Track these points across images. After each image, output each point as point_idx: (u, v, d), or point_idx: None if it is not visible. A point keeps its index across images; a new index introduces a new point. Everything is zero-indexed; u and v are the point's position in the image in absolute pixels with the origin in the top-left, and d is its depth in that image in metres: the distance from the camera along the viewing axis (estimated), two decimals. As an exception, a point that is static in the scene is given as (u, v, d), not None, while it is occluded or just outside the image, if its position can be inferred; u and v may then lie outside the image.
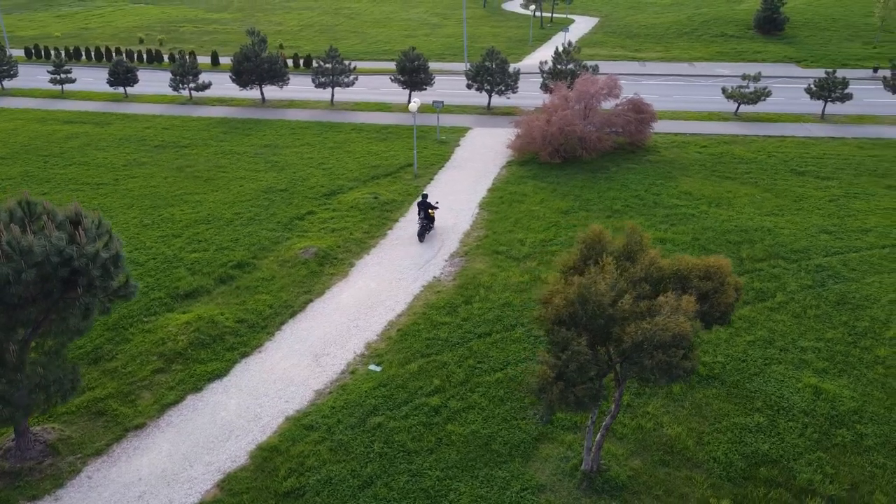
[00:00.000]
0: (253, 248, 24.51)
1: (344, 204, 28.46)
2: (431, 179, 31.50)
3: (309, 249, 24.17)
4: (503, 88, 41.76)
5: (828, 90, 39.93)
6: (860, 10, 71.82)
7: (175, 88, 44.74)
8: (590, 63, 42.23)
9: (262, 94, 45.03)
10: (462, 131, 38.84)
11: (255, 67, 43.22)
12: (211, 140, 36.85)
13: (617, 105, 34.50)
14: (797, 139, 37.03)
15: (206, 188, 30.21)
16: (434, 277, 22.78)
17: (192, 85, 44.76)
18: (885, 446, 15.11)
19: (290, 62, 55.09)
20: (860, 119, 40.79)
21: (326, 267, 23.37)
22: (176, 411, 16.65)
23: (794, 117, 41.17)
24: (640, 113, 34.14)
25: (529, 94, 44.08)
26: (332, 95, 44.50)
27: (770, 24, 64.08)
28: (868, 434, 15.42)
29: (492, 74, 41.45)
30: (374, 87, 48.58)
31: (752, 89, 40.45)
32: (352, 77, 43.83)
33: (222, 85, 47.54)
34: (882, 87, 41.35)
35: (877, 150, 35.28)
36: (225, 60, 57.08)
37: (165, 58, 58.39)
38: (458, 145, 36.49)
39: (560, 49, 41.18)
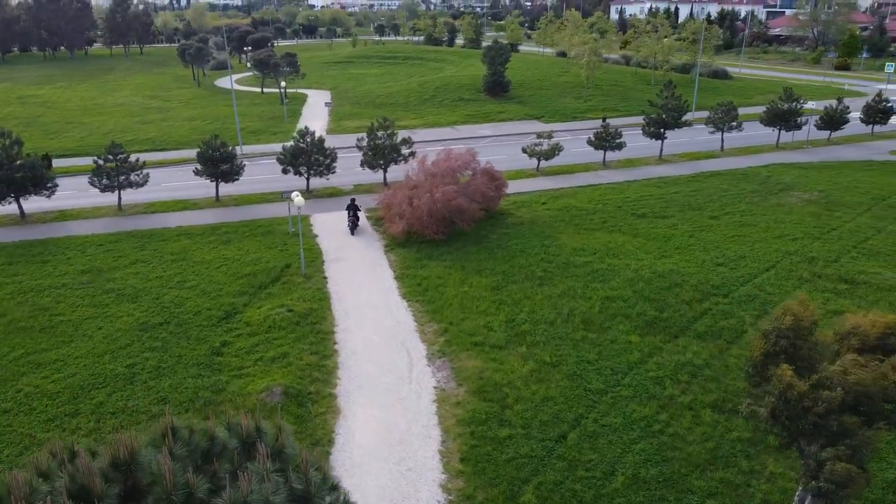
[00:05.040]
0: (196, 404, 19.01)
1: (256, 326, 23.73)
2: (325, 277, 28.04)
3: (274, 391, 19.56)
4: (324, 170, 39.35)
5: (606, 140, 45.47)
6: (552, 71, 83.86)
7: None
8: (403, 133, 42.06)
9: (20, 208, 35.80)
10: (304, 219, 35.48)
11: (10, 176, 34.28)
12: (-2, 277, 27.97)
13: (473, 174, 34.80)
14: (605, 186, 41.33)
15: (51, 341, 22.67)
16: (434, 388, 20.12)
17: None
18: (950, 442, 17.25)
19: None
20: (630, 162, 47.14)
21: (309, 406, 19.12)
22: None
23: (584, 167, 46.00)
24: (494, 180, 34.91)
25: (344, 172, 42.29)
26: (120, 199, 37.31)
27: (498, 87, 71.20)
28: (930, 435, 17.44)
29: (310, 156, 38.84)
30: (155, 182, 41.92)
31: (546, 146, 44.20)
32: (143, 174, 37.28)
33: (-58, 203, 36.84)
34: (640, 133, 48.44)
35: (668, 186, 41.04)
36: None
37: None
38: (317, 235, 33.22)
39: (375, 124, 40.28)
